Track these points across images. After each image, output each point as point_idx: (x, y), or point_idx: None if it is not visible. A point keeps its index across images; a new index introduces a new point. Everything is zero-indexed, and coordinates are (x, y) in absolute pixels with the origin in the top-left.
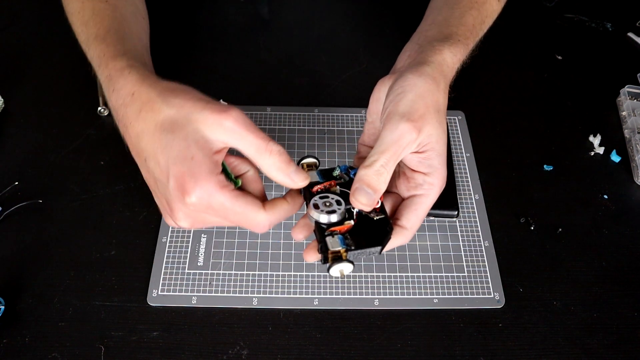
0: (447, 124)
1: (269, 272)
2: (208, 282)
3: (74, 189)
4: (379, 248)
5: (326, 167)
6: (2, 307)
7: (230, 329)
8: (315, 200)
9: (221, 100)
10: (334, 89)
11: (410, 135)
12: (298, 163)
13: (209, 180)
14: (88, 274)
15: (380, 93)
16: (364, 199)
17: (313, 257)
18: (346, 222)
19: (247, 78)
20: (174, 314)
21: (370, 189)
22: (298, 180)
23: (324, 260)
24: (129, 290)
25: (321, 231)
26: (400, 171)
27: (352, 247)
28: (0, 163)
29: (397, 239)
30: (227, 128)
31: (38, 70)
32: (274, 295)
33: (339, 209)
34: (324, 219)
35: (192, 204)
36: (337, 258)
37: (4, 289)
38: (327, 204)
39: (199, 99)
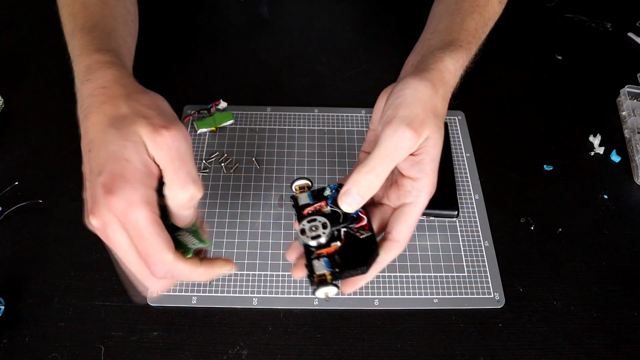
0: (444, 130)
1: (269, 272)
2: (208, 282)
3: (74, 189)
4: (364, 268)
5: (317, 188)
6: (2, 307)
7: (230, 329)
8: (303, 225)
9: (221, 100)
10: (334, 89)
11: (410, 141)
12: (291, 185)
13: (136, 190)
14: (88, 274)
15: (382, 102)
16: (349, 204)
17: (300, 274)
18: (333, 244)
19: (247, 78)
20: (174, 314)
21: (358, 196)
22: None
23: (311, 282)
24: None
25: (309, 254)
26: (392, 179)
27: (337, 270)
28: (0, 163)
29: (390, 253)
30: (159, 144)
31: (38, 70)
32: (274, 295)
33: (324, 232)
34: (311, 243)
35: (111, 205)
36: (323, 281)
37: (4, 289)
38: (314, 228)
39: (157, 107)
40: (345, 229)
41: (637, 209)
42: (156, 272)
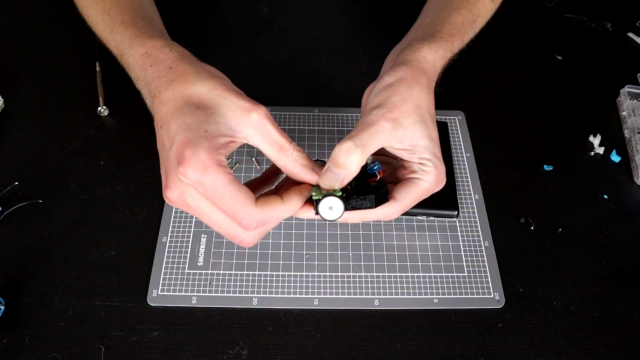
0: (445, 130)
1: (269, 272)
2: (208, 282)
3: (74, 189)
4: (372, 198)
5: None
6: (2, 307)
7: (230, 329)
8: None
9: None
10: (334, 89)
11: (383, 122)
12: None
13: (209, 154)
14: (88, 274)
15: (365, 100)
16: (329, 179)
17: (306, 212)
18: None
19: (247, 78)
20: (174, 314)
21: (338, 168)
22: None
23: (316, 203)
24: (129, 290)
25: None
26: (398, 165)
27: (345, 195)
28: (0, 163)
29: (385, 208)
30: (253, 121)
31: (38, 70)
32: (274, 295)
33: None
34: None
35: (185, 174)
36: (329, 194)
37: (4, 289)
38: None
39: (232, 89)
40: (356, 182)
41: (637, 209)
42: (247, 226)
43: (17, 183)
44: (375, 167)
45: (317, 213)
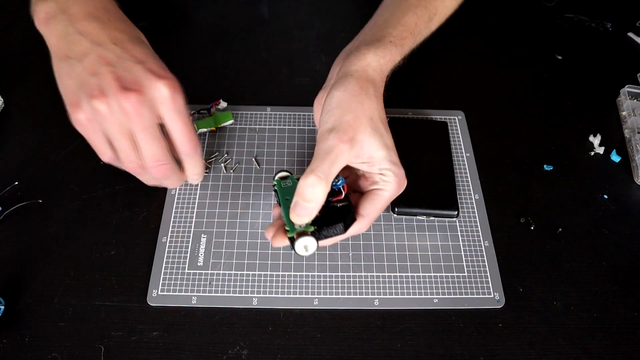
0: (445, 129)
1: (269, 272)
2: (208, 282)
3: (74, 189)
4: (341, 226)
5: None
6: (2, 307)
7: (230, 329)
8: (276, 179)
9: (221, 100)
10: None
11: (340, 146)
12: (274, 178)
13: None
14: (88, 274)
15: (317, 113)
16: (299, 214)
17: (280, 241)
18: None
19: (247, 78)
20: (174, 314)
21: (306, 202)
22: None
23: (291, 241)
24: (129, 290)
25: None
26: (359, 174)
27: (316, 228)
28: (0, 163)
29: (354, 226)
30: None
31: (38, 70)
32: (274, 295)
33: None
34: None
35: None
36: (302, 233)
37: (4, 289)
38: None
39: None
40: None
41: (637, 209)
42: None
43: (17, 183)
44: (339, 182)
45: (292, 249)
